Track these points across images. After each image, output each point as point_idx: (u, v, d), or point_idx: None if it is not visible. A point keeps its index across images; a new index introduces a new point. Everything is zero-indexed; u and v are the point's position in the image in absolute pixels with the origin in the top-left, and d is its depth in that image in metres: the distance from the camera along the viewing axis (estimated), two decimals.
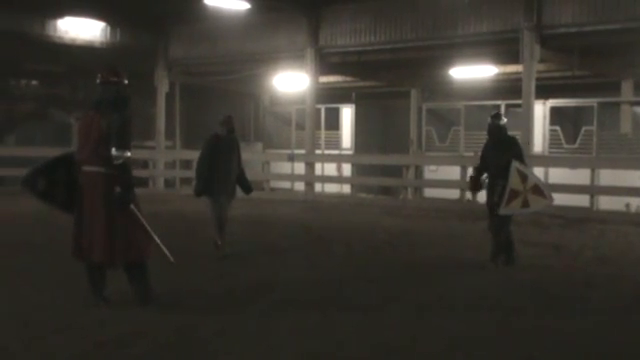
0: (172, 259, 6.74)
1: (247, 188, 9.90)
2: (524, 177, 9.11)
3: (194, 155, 21.31)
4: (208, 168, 9.39)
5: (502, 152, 9.19)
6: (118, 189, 6.46)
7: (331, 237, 11.75)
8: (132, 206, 6.54)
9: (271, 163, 21.21)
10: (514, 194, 9.00)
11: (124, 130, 6.49)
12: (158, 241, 6.69)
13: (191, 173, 20.93)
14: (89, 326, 6.00)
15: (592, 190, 15.40)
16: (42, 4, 19.27)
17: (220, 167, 9.39)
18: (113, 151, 6.42)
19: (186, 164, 21.87)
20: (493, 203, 9.18)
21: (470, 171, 16.74)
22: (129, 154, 6.51)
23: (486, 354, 5.54)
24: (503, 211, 9.05)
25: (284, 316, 6.52)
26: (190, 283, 7.80)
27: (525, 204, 9.13)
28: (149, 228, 6.63)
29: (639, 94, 18.72)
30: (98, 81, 6.70)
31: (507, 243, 9.23)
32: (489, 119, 9.51)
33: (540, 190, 9.24)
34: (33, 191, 6.82)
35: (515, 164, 9.02)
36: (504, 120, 9.50)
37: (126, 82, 6.77)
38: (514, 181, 8.98)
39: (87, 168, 6.58)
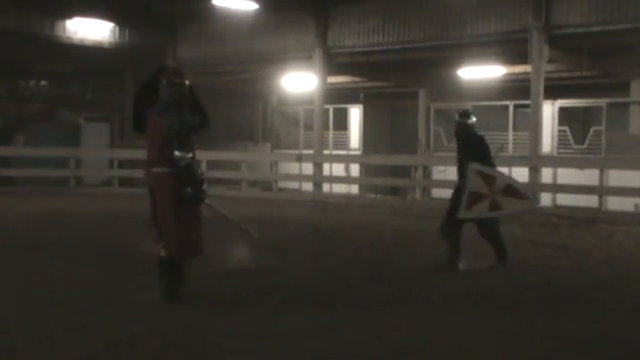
0: (257, 235, 7.61)
1: None
2: (490, 179, 8.67)
3: (202, 155, 21.64)
4: None
5: (464, 152, 8.81)
6: (189, 189, 6.55)
7: (339, 237, 11.75)
8: (205, 202, 6.73)
9: (279, 163, 21.22)
10: (477, 197, 8.60)
11: (184, 131, 6.57)
12: (239, 223, 7.45)
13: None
14: (99, 326, 6.02)
15: (601, 191, 15.36)
16: (51, 5, 19.35)
17: None
18: (176, 153, 6.50)
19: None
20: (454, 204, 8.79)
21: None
22: (191, 155, 6.60)
23: (497, 354, 5.54)
24: (462, 214, 8.69)
25: (293, 316, 6.52)
26: (199, 283, 7.80)
27: (495, 207, 8.70)
28: (227, 214, 7.22)
29: None
30: (164, 82, 6.72)
31: (498, 244, 8.99)
32: (456, 116, 9.09)
33: (514, 191, 8.82)
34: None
35: (473, 166, 8.59)
36: (472, 119, 9.01)
37: (188, 83, 6.80)
38: (475, 184, 8.59)
39: (155, 169, 6.69)
